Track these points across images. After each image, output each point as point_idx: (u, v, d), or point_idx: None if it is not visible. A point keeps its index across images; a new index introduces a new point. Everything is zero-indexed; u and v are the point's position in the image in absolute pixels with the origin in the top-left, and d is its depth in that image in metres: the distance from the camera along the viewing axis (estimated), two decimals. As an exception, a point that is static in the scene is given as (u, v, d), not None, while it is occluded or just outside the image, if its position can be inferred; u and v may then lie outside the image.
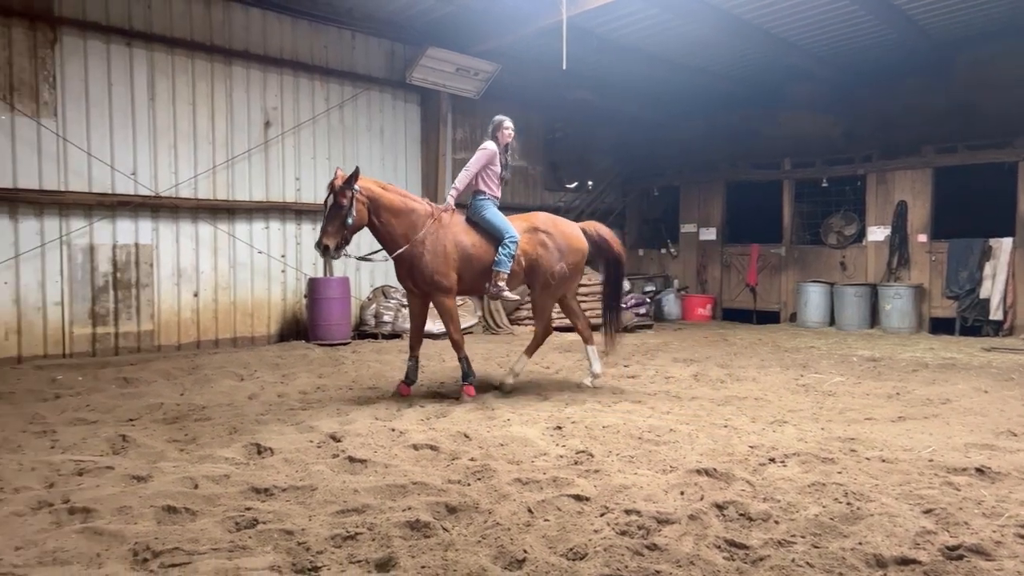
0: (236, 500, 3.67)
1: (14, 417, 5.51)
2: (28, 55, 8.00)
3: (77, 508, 3.50)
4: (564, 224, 6.56)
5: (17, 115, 7.91)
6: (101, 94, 8.52)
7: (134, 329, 8.87)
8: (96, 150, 8.46)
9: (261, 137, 9.95)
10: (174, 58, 9.08)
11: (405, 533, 3.25)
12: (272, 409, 5.83)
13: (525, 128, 13.77)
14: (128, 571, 2.91)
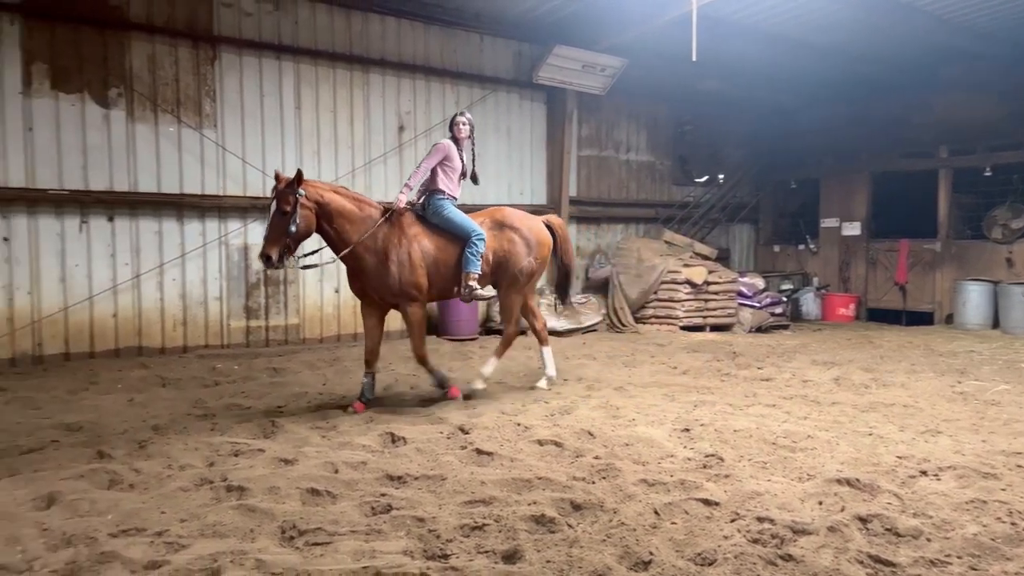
0: (372, 486, 3.87)
1: (180, 401, 6.10)
2: (192, 72, 8.81)
3: (233, 486, 3.83)
4: (529, 218, 6.36)
5: (183, 127, 8.73)
6: (254, 105, 9.23)
7: (282, 323, 9.55)
8: (250, 157, 9.17)
9: (395, 140, 10.39)
10: (318, 69, 9.67)
11: (530, 527, 3.30)
12: (405, 400, 6.09)
13: (652, 122, 13.53)
14: (277, 546, 3.14)
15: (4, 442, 4.76)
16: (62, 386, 6.64)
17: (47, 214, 8.00)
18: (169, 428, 5.17)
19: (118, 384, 6.82)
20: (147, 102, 8.47)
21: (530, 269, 6.13)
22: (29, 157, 7.84)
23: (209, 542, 3.15)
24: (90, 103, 8.17)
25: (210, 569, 2.87)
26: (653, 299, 11.57)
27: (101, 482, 3.95)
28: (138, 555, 2.99)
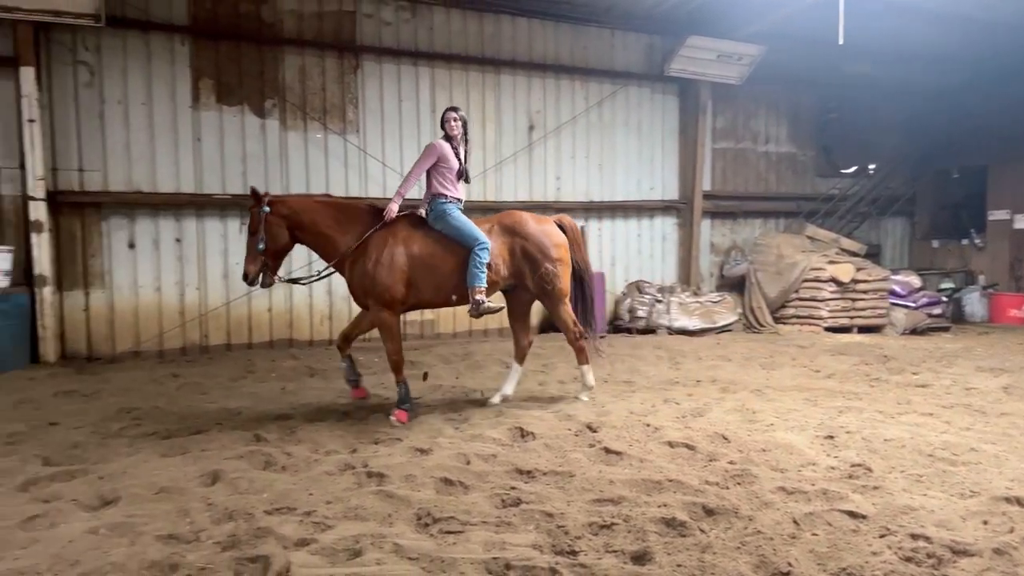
0: (502, 479, 3.95)
1: (326, 391, 6.51)
2: (337, 81, 9.36)
3: (373, 472, 4.03)
4: (538, 221, 5.82)
5: (329, 133, 9.30)
6: (393, 110, 9.67)
7: (418, 318, 9.94)
8: (389, 160, 9.62)
9: (525, 140, 10.52)
10: (452, 72, 9.98)
11: (660, 529, 3.24)
12: (534, 396, 6.15)
13: (793, 110, 12.82)
14: (413, 532, 3.27)
15: (177, 423, 5.29)
16: (225, 374, 7.27)
17: (212, 216, 8.80)
18: (316, 415, 5.53)
19: (272, 373, 7.38)
20: (298, 111, 9.10)
21: (551, 273, 5.62)
22: (197, 165, 8.65)
23: (351, 524, 3.34)
24: (249, 114, 8.90)
25: (352, 550, 3.05)
26: (794, 298, 10.99)
27: (258, 463, 4.30)
28: (289, 532, 3.23)
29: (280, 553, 2.98)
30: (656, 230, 11.66)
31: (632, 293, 10.85)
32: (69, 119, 8.10)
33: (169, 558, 2.97)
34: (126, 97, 8.32)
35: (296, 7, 9.05)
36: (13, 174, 7.80)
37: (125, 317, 8.40)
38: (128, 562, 2.92)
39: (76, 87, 8.12)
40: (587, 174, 11.00)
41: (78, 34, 8.04)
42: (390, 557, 2.96)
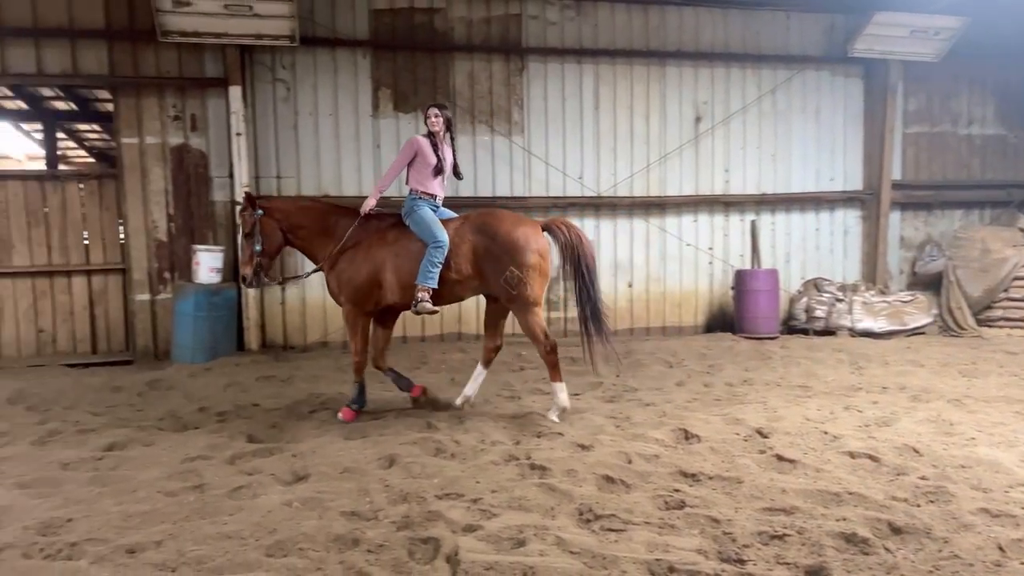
0: (665, 480, 3.87)
1: (492, 384, 6.73)
2: (503, 83, 9.62)
3: (536, 465, 4.11)
4: (509, 222, 5.36)
5: (496, 135, 9.59)
6: (556, 109, 9.78)
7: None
8: (552, 159, 9.74)
9: (691, 132, 10.21)
10: (616, 67, 9.91)
11: (839, 544, 3.02)
12: (698, 397, 5.97)
13: (1001, 87, 11.36)
14: (575, 527, 3.30)
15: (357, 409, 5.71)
16: (400, 364, 7.71)
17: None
18: (483, 407, 5.73)
19: (442, 365, 7.75)
20: (466, 115, 9.46)
21: (516, 278, 5.17)
22: (376, 170, 9.27)
23: (515, 514, 3.43)
24: (423, 120, 9.37)
25: (516, 539, 3.13)
26: (1002, 298, 9.78)
27: (429, 449, 4.54)
28: (457, 517, 3.38)
29: (449, 537, 3.13)
30: (837, 223, 10.85)
31: (809, 291, 10.18)
32: (269, 131, 9.00)
33: (351, 533, 3.22)
34: (316, 109, 9.11)
35: (466, 14, 9.43)
36: (224, 182, 8.81)
37: (315, 311, 9.20)
38: (317, 534, 3.21)
39: (275, 102, 9.01)
40: (759, 166, 10.47)
41: (276, 54, 8.92)
42: (552, 549, 3.01)
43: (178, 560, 2.99)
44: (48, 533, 3.31)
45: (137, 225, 8.67)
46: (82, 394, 6.61)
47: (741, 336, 9.55)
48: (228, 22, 8.13)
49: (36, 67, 8.35)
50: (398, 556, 3.01)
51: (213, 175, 8.83)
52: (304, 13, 8.70)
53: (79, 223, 8.73)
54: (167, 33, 8.08)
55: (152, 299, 8.75)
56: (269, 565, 2.93)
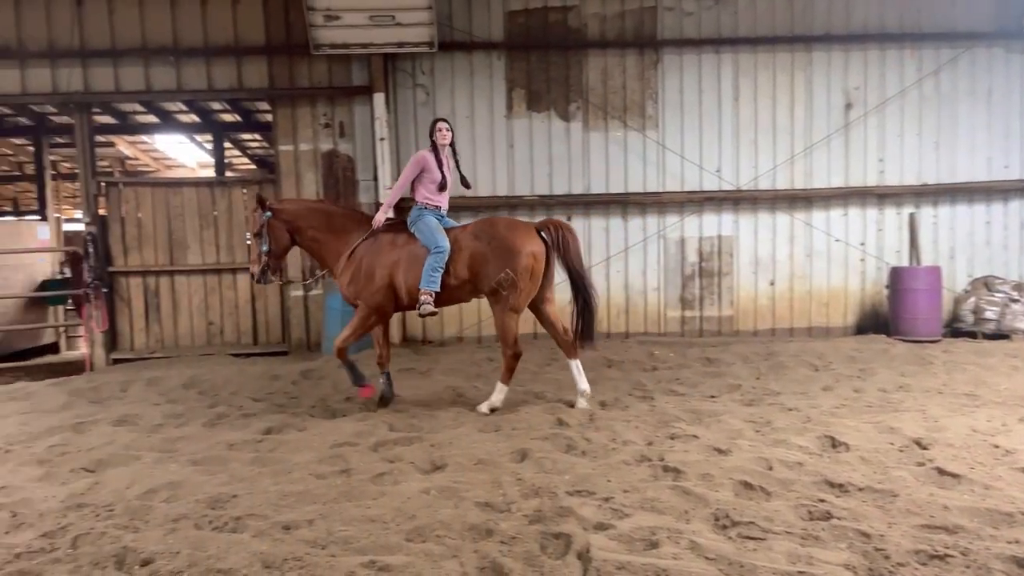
0: (809, 489, 3.67)
1: (622, 382, 6.66)
2: (637, 78, 9.48)
3: (669, 467, 4.03)
4: (504, 226, 5.66)
5: (628, 131, 9.47)
6: (692, 102, 9.50)
7: (715, 314, 9.66)
8: (688, 153, 9.48)
9: (841, 120, 9.57)
10: (756, 56, 9.48)
11: (1010, 569, 2.73)
12: (847, 403, 5.59)
13: None
14: (710, 532, 3.20)
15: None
16: (532, 360, 7.84)
17: (522, 216, 9.52)
18: (614, 405, 5.69)
19: (573, 362, 7.75)
20: (599, 111, 9.42)
21: (509, 280, 5.43)
22: (510, 169, 9.44)
23: (648, 515, 3.38)
24: (555, 118, 9.45)
25: (649, 540, 3.09)
26: None
27: (560, 446, 4.57)
28: (589, 514, 3.38)
29: (581, 534, 3.14)
30: (1011, 216, 9.78)
31: (978, 290, 9.25)
32: (409, 135, 9.40)
33: (485, 523, 3.30)
34: (453, 112, 9.40)
35: (599, 10, 9.37)
36: (369, 184, 9.31)
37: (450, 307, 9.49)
38: (453, 522, 3.32)
39: (415, 107, 9.40)
40: (918, 154, 9.64)
41: (417, 60, 9.30)
42: (686, 553, 2.94)
43: (327, 539, 3.20)
44: (216, 507, 3.65)
45: (292, 226, 9.35)
46: (245, 382, 7.23)
47: (897, 338, 8.84)
48: (373, 32, 8.57)
49: (207, 83, 9.21)
50: (530, 549, 3.06)
51: (359, 178, 9.36)
52: (442, 19, 9.01)
53: (243, 224, 9.55)
54: (319, 46, 8.64)
55: (305, 295, 9.40)
56: (409, 549, 3.07)
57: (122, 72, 9.09)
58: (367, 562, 2.93)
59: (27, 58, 8.93)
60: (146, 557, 3.06)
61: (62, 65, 8.98)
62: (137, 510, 3.63)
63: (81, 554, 3.12)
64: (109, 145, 14.78)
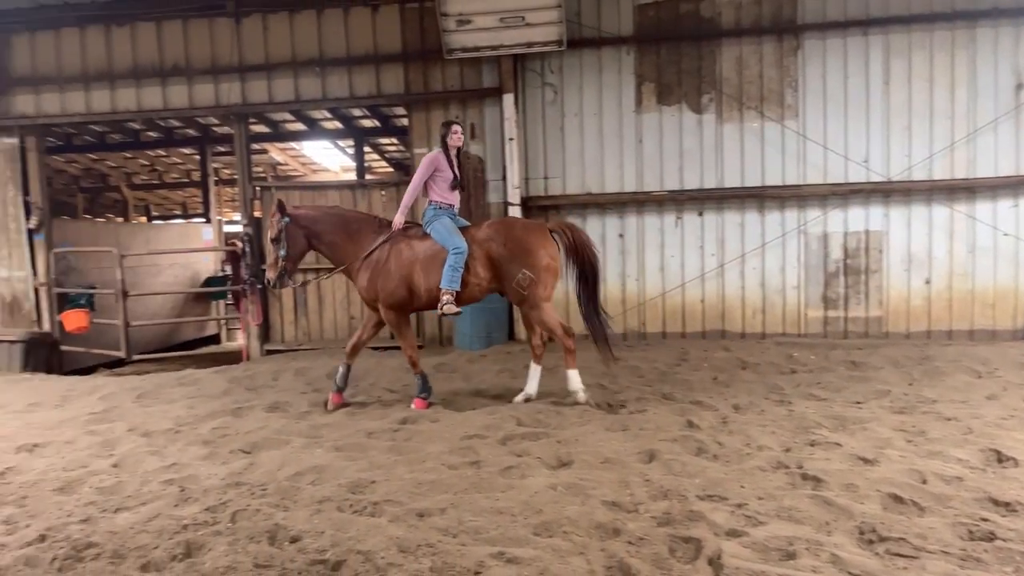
0: (969, 506, 3.36)
1: (758, 384, 6.38)
2: (775, 65, 9.03)
3: (808, 475, 3.82)
4: (519, 227, 5.91)
5: (765, 121, 9.05)
6: (837, 88, 8.92)
7: (862, 314, 9.03)
8: (831, 142, 8.92)
9: (1011, 102, 8.63)
10: (911, 36, 8.75)
11: None
12: (1017, 414, 5.05)
13: None
14: (854, 546, 3.01)
15: (615, 400, 5.78)
16: (660, 360, 7.69)
17: (651, 212, 9.36)
18: (748, 409, 5.47)
19: (704, 363, 7.53)
20: (733, 102, 9.06)
21: (527, 279, 5.63)
22: (638, 165, 9.30)
23: (784, 524, 3.23)
24: (686, 111, 9.20)
25: (785, 551, 2.95)
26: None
27: (690, 448, 4.45)
28: (720, 520, 3.27)
29: (712, 539, 3.05)
30: None
31: None
32: (538, 134, 9.49)
33: (612, 523, 3.28)
34: (581, 109, 9.39)
35: (733, -3, 9.03)
36: (497, 185, 9.49)
37: (574, 306, 9.48)
38: (579, 519, 3.33)
39: (543, 106, 9.47)
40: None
41: (545, 59, 9.36)
42: (827, 567, 2.78)
43: (458, 528, 3.31)
44: (356, 491, 3.87)
45: (425, 225, 9.71)
46: (383, 373, 7.60)
47: (1078, 344, 7.87)
48: (503, 34, 8.72)
49: (349, 91, 9.75)
50: (658, 551, 3.01)
51: (489, 178, 9.56)
52: (571, 17, 9.01)
53: (380, 224, 10.02)
54: (451, 51, 8.91)
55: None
56: (536, 543, 3.11)
57: (274, 84, 9.81)
58: (496, 553, 3.00)
59: (194, 75, 9.83)
60: (294, 535, 3.29)
61: (223, 80, 9.82)
62: (287, 491, 3.91)
63: (239, 528, 3.41)
64: (263, 152, 16.01)
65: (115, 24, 9.82)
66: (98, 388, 7.48)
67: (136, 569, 3.06)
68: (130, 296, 9.81)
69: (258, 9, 9.64)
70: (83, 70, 9.91)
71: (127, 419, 5.91)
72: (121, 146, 14.77)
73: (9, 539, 3.42)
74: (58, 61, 9.95)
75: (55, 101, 10.01)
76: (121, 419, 5.92)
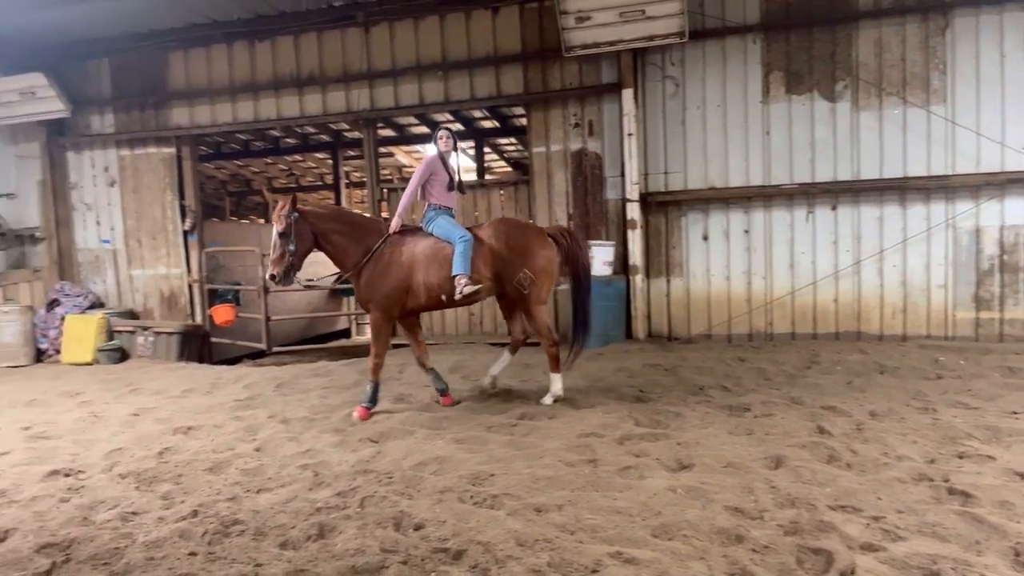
0: None
1: (898, 391, 5.95)
2: (919, 48, 8.36)
3: (956, 490, 3.53)
4: (518, 229, 6.09)
5: (908, 107, 8.40)
6: (992, 69, 8.14)
7: (1021, 316, 8.20)
8: (985, 128, 8.15)
9: None
10: (1081, 6, 7.85)
11: None
12: None
13: None
14: (1009, 568, 2.75)
15: (742, 405, 5.58)
16: (788, 362, 7.33)
17: (779, 207, 8.94)
18: (886, 415, 5.11)
19: (837, 366, 7.11)
20: (871, 88, 8.49)
21: (528, 279, 5.82)
22: (765, 157, 8.90)
23: (927, 541, 3.00)
24: (818, 100, 8.71)
25: (928, 570, 2.74)
26: None
27: (821, 456, 4.22)
28: (854, 533, 3.08)
29: (844, 552, 2.88)
30: None
31: None
32: (658, 129, 9.31)
33: (735, 529, 3.18)
34: (704, 102, 9.11)
35: (872, -24, 8.45)
36: (616, 181, 9.39)
37: (699, 303, 9.26)
38: (700, 524, 3.24)
39: (663, 99, 9.27)
40: None
41: (666, 52, 9.17)
42: (977, 591, 2.56)
43: (576, 525, 3.31)
44: (476, 483, 3.96)
45: (543, 223, 9.77)
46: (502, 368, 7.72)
47: None
48: (622, 29, 8.62)
49: (470, 93, 9.98)
50: (785, 561, 2.88)
51: (607, 175, 9.48)
52: (693, 7, 8.76)
53: (499, 223, 10.20)
54: (570, 48, 8.90)
55: (555, 290, 9.76)
56: (655, 545, 3.06)
57: (400, 89, 10.20)
58: (613, 552, 2.98)
59: (327, 83, 10.40)
60: (418, 522, 3.42)
61: (353, 87, 10.33)
62: (411, 479, 4.07)
63: (367, 513, 3.58)
64: (389, 155, 16.69)
65: (257, 39, 10.56)
66: (242, 377, 8.09)
67: (276, 546, 3.29)
68: (270, 292, 10.53)
69: (385, 17, 10.06)
70: (230, 83, 10.74)
71: (268, 406, 6.36)
72: (263, 152, 15.89)
73: (167, 513, 3.78)
74: (208, 75, 10.83)
75: (206, 112, 10.91)
76: (263, 406, 6.38)
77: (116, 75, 11.15)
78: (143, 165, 11.17)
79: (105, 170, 11.34)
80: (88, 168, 11.41)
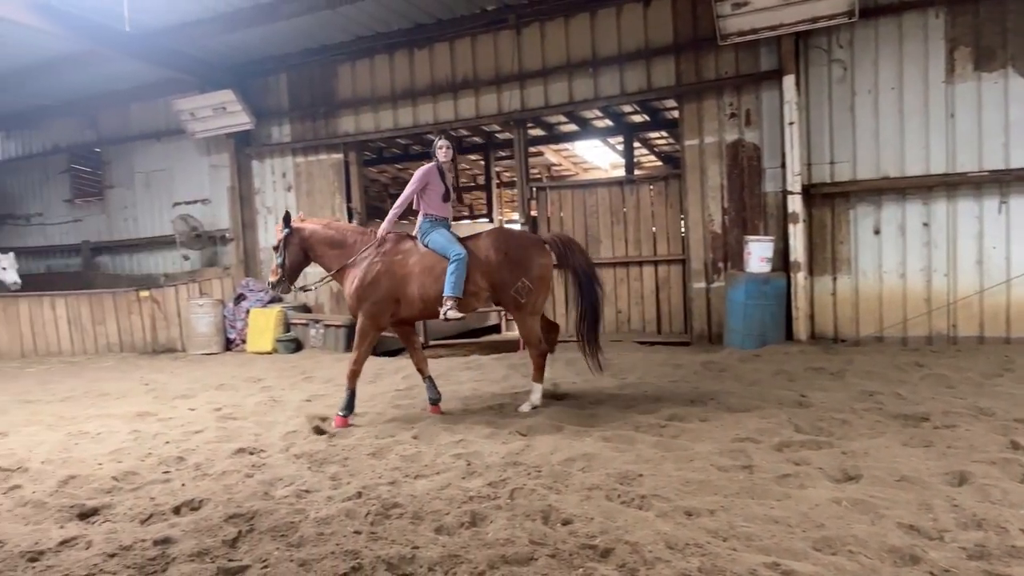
0: None
1: (1115, 405, 5.18)
2: None
3: None
4: (517, 238, 6.15)
5: None
6: None
7: None
8: None
9: None
10: None
11: None
12: None
13: None
14: None
15: (920, 414, 5.10)
16: (975, 368, 6.61)
17: (965, 197, 8.09)
18: (1098, 434, 4.47)
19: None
20: (1081, 60, 7.45)
21: (526, 288, 5.80)
22: (949, 143, 8.08)
23: None
24: (1014, 77, 7.79)
25: None
26: None
27: (1014, 474, 3.77)
28: (1056, 564, 2.73)
29: (1042, 584, 2.56)
30: None
31: None
32: (822, 116, 8.72)
33: (910, 548, 2.92)
34: (876, 86, 8.42)
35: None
36: (775, 173, 8.91)
37: (869, 302, 8.57)
38: (869, 540, 3.01)
39: (829, 85, 8.67)
40: None
41: (832, 34, 8.56)
42: None
43: (729, 532, 3.19)
44: (624, 483, 3.92)
45: (696, 219, 9.48)
46: (649, 368, 7.60)
47: None
48: (782, 12, 8.16)
49: (619, 88, 9.88)
50: (969, 589, 2.60)
51: (765, 166, 9.02)
52: (864, -16, 8.12)
53: (648, 219, 10.02)
54: (726, 36, 8.56)
55: (707, 287, 9.45)
56: (816, 559, 2.88)
57: (550, 88, 10.29)
58: (770, 563, 2.84)
59: (480, 87, 10.72)
60: (566, 517, 3.45)
61: (504, 89, 10.56)
62: (559, 475, 4.11)
63: (516, 505, 3.66)
64: (538, 155, 16.91)
65: (416, 48, 11.09)
66: (401, 369, 8.54)
67: (431, 531, 3.45)
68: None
69: (536, 18, 10.20)
70: (391, 90, 11.36)
71: (424, 397, 6.67)
72: (420, 156, 16.67)
73: (334, 492, 4.07)
74: (372, 84, 11.52)
75: (370, 119, 11.62)
76: (419, 396, 6.70)
77: (292, 88, 12.16)
78: (315, 171, 12.11)
79: (283, 176, 12.41)
80: (269, 175, 12.55)
